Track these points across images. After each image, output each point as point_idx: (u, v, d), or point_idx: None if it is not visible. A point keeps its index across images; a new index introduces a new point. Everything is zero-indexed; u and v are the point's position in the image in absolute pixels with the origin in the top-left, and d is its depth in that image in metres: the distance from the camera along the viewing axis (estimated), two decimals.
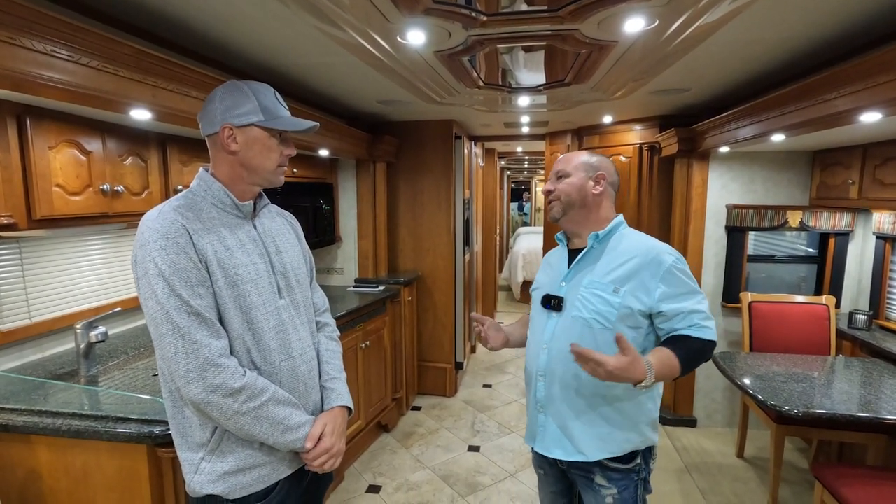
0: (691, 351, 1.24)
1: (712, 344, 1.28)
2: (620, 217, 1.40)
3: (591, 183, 1.36)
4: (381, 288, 3.33)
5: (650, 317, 1.29)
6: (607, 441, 1.32)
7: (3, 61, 1.07)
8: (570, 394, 1.33)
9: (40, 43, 1.12)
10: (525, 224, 12.52)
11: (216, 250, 1.08)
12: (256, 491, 1.12)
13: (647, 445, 1.35)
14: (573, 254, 1.40)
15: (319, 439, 1.16)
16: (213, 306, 1.07)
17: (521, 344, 1.56)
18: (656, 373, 1.16)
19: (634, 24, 1.54)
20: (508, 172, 9.84)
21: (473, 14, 1.49)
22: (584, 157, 1.40)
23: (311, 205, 3.14)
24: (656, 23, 1.53)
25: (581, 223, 1.38)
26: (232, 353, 1.08)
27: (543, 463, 1.49)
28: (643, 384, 1.15)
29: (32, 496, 1.43)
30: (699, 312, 1.26)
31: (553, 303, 1.37)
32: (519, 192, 13.16)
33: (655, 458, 1.41)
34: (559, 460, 1.38)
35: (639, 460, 1.34)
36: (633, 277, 1.27)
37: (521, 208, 13.35)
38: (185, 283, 1.02)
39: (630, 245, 1.32)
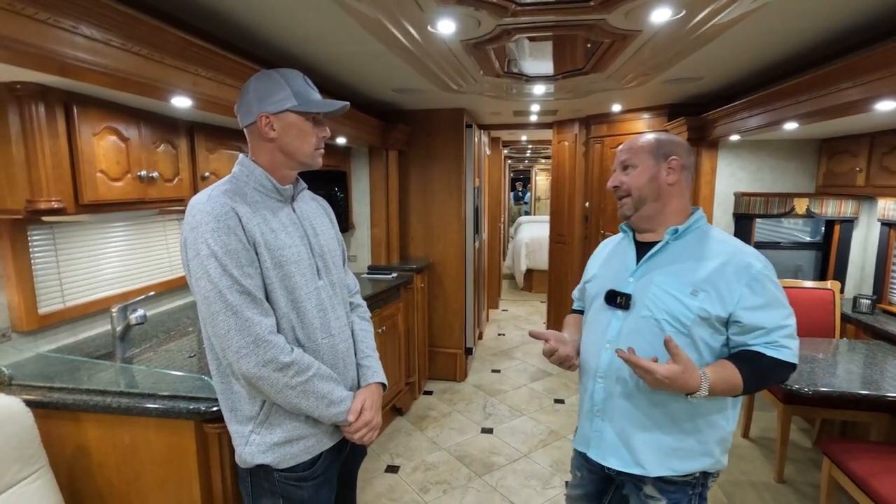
0: (761, 370, 1.11)
1: (790, 367, 1.13)
2: (700, 211, 1.25)
3: (665, 173, 1.21)
4: (395, 275, 3.39)
5: (728, 324, 1.15)
6: (671, 457, 1.19)
7: (64, 47, 1.10)
8: (634, 399, 1.20)
9: (98, 31, 1.15)
10: (526, 213, 12.57)
11: (262, 232, 1.13)
12: (303, 461, 1.19)
13: (715, 469, 1.22)
14: (641, 247, 1.27)
15: (360, 413, 1.23)
16: (262, 286, 1.12)
17: None
18: (711, 386, 1.07)
19: (661, 14, 1.58)
20: (510, 161, 9.86)
21: (505, 3, 1.53)
22: (650, 140, 1.23)
23: (325, 192, 3.17)
24: (683, 13, 1.58)
25: (655, 217, 1.24)
26: (279, 330, 1.14)
27: (583, 467, 1.38)
28: (696, 395, 1.07)
29: (81, 471, 1.49)
30: (782, 328, 1.12)
31: (620, 300, 1.23)
32: (514, 182, 13.16)
33: (717, 477, 1.27)
34: (625, 471, 1.24)
35: (697, 473, 1.21)
36: (714, 280, 1.14)
37: (517, 198, 13.36)
38: (236, 263, 1.06)
39: (713, 244, 1.19)
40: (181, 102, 1.53)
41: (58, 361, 1.68)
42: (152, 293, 1.99)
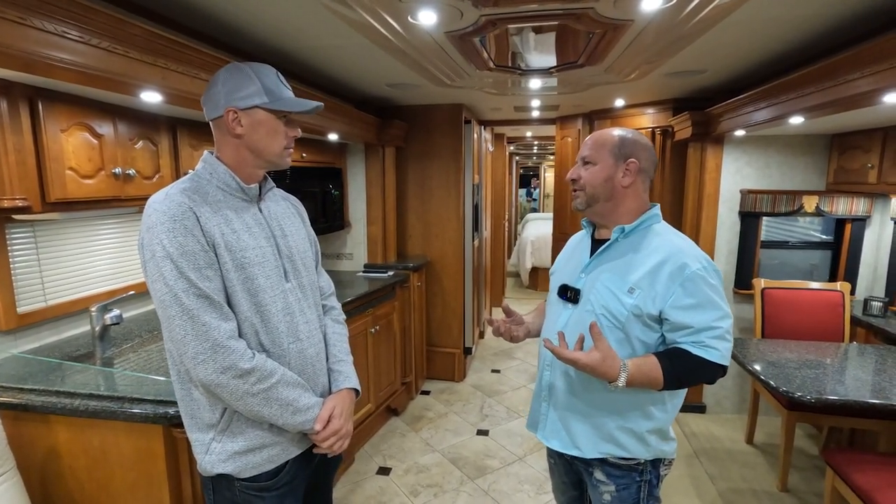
0: (683, 368, 1.14)
1: (717, 367, 1.14)
2: (655, 209, 1.27)
3: (620, 174, 1.22)
4: (391, 273, 3.34)
5: (660, 321, 1.18)
6: (606, 442, 1.25)
7: (15, 41, 1.07)
8: (574, 387, 1.28)
9: (50, 23, 1.11)
10: (534, 210, 12.46)
11: (223, 233, 1.08)
12: (266, 470, 1.14)
13: (655, 457, 1.26)
14: (597, 244, 1.31)
15: (329, 421, 1.18)
16: (221, 289, 1.07)
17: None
18: (630, 377, 1.12)
19: (651, 3, 1.50)
20: (517, 158, 9.77)
21: None
22: (614, 139, 1.24)
23: (320, 190, 3.13)
24: (674, 1, 1.49)
25: (607, 215, 1.27)
26: (240, 335, 1.09)
27: (553, 453, 1.45)
28: (615, 384, 1.12)
29: (52, 474, 1.46)
30: (712, 329, 1.14)
31: (570, 294, 1.29)
32: (527, 178, 13.08)
33: (669, 465, 1.31)
34: (564, 452, 1.34)
35: (642, 460, 1.26)
36: (651, 278, 1.17)
37: (529, 194, 13.27)
38: (193, 265, 1.02)
39: (658, 244, 1.20)
40: (151, 98, 1.49)
41: (34, 362, 1.66)
42: (132, 292, 1.96)
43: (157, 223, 1.02)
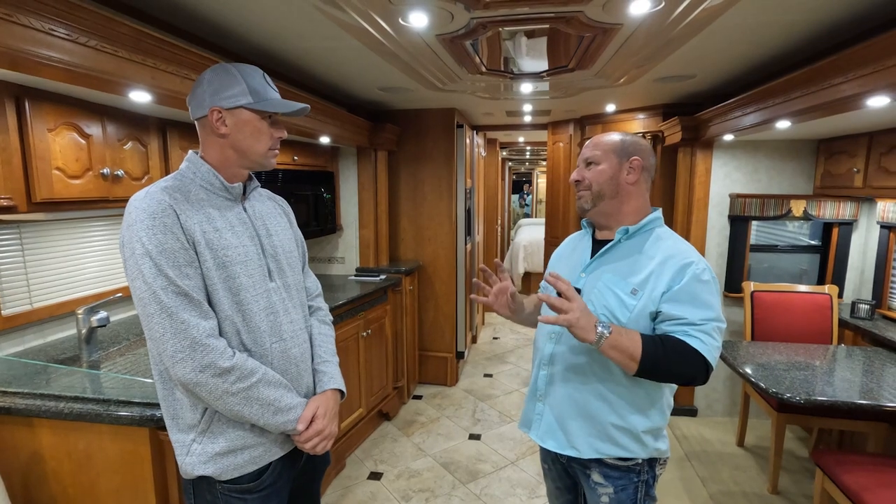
0: (664, 350, 1.11)
1: (699, 359, 1.11)
2: (658, 213, 1.29)
3: (625, 172, 1.25)
4: (383, 277, 3.33)
5: (656, 317, 1.18)
6: (603, 441, 1.25)
7: (1, 38, 1.06)
8: (571, 388, 1.28)
9: (38, 20, 1.10)
10: (527, 216, 12.50)
11: (204, 231, 1.07)
12: (248, 472, 1.12)
13: (650, 456, 1.26)
14: (597, 244, 1.32)
15: (311, 421, 1.16)
16: (202, 287, 1.06)
17: (526, 322, 1.49)
18: (611, 335, 1.08)
19: (640, 7, 1.52)
20: (510, 164, 9.80)
21: None
22: (615, 139, 1.27)
23: (311, 193, 3.12)
24: (662, 5, 1.51)
25: (611, 215, 1.28)
26: (221, 334, 1.08)
27: (547, 457, 1.44)
28: (597, 338, 1.09)
29: (35, 478, 1.44)
30: (702, 324, 1.13)
31: None
32: (520, 185, 13.13)
33: (664, 464, 1.32)
34: (559, 455, 1.33)
35: (640, 460, 1.27)
36: (654, 277, 1.17)
37: (521, 199, 13.32)
38: (172, 263, 1.01)
39: (662, 247, 1.21)
40: (141, 97, 1.48)
41: (18, 365, 1.63)
42: (119, 295, 1.94)
43: (136, 220, 1.01)
